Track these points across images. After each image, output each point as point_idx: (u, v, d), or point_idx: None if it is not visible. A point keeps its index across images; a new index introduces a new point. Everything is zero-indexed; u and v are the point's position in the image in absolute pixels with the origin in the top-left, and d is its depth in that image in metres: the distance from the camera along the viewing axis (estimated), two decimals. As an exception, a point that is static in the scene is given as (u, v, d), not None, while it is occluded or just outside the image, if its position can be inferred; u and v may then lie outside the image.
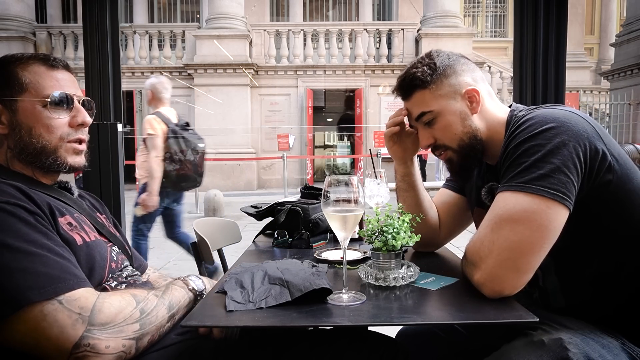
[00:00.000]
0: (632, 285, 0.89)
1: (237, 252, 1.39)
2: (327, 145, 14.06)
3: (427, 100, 1.03)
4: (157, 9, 14.12)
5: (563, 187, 0.81)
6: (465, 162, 1.05)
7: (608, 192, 0.86)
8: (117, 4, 1.70)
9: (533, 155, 0.84)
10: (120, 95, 1.73)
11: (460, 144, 1.02)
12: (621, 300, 0.90)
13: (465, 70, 1.04)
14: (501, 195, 0.87)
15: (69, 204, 0.94)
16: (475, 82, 1.03)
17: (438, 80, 1.02)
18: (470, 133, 1.02)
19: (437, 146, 1.06)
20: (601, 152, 0.85)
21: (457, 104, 1.02)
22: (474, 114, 1.02)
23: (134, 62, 10.50)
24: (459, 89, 1.02)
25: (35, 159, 0.90)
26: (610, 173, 0.85)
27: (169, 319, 0.87)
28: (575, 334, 0.81)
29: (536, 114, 0.90)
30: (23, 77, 0.89)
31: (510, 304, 0.82)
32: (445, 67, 1.02)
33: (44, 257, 0.75)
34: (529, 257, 0.82)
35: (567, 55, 1.70)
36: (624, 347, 0.84)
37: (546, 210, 0.81)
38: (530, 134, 0.86)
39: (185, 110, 10.42)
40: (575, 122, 0.85)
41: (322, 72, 10.55)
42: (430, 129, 1.05)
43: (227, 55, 9.98)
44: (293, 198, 1.62)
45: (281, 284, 0.86)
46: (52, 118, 0.90)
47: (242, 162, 9.87)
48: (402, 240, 0.93)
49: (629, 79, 9.78)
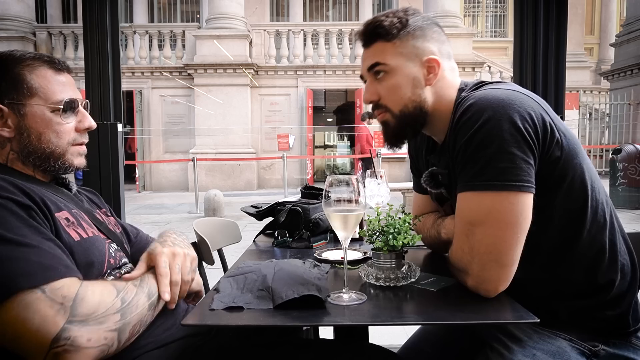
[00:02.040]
0: (581, 266, 0.90)
1: (237, 252, 1.39)
2: (327, 145, 14.06)
3: (386, 52, 0.97)
4: (157, 9, 14.12)
5: (526, 175, 0.81)
6: (401, 129, 1.00)
7: (558, 167, 0.86)
8: (117, 4, 1.70)
9: (487, 147, 0.81)
10: (120, 95, 1.73)
11: (402, 110, 0.98)
12: (568, 285, 0.91)
13: (435, 39, 0.98)
14: (464, 197, 0.86)
15: (66, 201, 0.94)
16: (440, 54, 0.98)
17: (404, 38, 0.96)
18: (416, 102, 0.97)
19: (378, 105, 1.00)
20: (549, 128, 0.84)
21: (414, 68, 0.97)
22: (427, 85, 0.97)
23: (134, 62, 10.49)
24: (421, 55, 0.96)
25: (43, 163, 0.91)
26: (559, 149, 0.85)
27: (150, 308, 0.85)
28: (526, 352, 0.85)
29: (479, 97, 0.86)
30: (31, 80, 0.88)
31: (510, 305, 0.82)
32: (416, 28, 0.96)
33: (35, 248, 0.74)
34: (509, 252, 0.82)
35: (567, 55, 1.70)
36: (573, 346, 0.87)
37: (510, 206, 0.81)
38: (478, 124, 0.83)
39: (186, 110, 10.43)
40: (519, 101, 0.84)
41: (322, 72, 10.55)
42: (378, 84, 0.99)
43: (227, 55, 9.98)
44: (293, 198, 1.62)
45: (267, 290, 0.85)
46: (61, 124, 0.91)
47: (242, 162, 9.87)
48: (402, 240, 0.93)
49: (629, 79, 9.78)
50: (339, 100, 13.22)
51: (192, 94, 10.24)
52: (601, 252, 0.90)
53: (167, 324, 0.92)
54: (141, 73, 10.40)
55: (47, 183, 0.95)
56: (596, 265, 0.90)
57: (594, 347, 0.87)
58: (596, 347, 0.87)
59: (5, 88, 0.87)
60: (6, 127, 0.88)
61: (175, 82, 10.42)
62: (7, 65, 0.88)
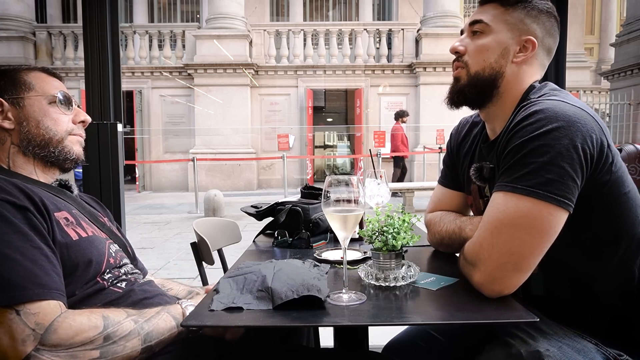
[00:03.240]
0: (609, 288, 0.90)
1: (237, 252, 1.39)
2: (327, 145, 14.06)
3: (495, 14, 0.99)
4: (157, 9, 14.11)
5: (569, 193, 0.81)
6: (468, 90, 1.01)
7: (602, 193, 0.85)
8: (117, 4, 1.70)
9: (541, 156, 0.81)
10: (120, 95, 1.73)
11: (478, 72, 0.99)
12: (596, 302, 0.91)
13: (547, 28, 0.99)
14: (502, 196, 0.85)
15: (67, 202, 0.95)
16: (541, 42, 0.99)
17: (518, 9, 0.97)
18: (494, 70, 0.98)
19: (460, 59, 1.02)
20: (605, 153, 0.84)
21: (510, 40, 0.98)
22: (513, 62, 0.98)
23: (134, 62, 10.49)
24: (523, 31, 0.97)
25: (42, 150, 0.95)
26: (609, 174, 0.85)
27: (143, 351, 0.81)
28: (552, 343, 0.83)
29: (547, 107, 0.86)
30: (28, 79, 0.97)
31: (510, 304, 0.82)
32: (534, 7, 0.97)
33: (12, 261, 0.72)
34: (529, 259, 0.83)
35: (567, 55, 1.70)
36: (598, 349, 0.86)
37: (548, 216, 0.81)
38: (539, 132, 0.83)
39: (186, 110, 10.43)
40: (584, 122, 0.83)
41: (322, 72, 10.54)
42: (471, 39, 1.01)
43: (227, 55, 9.98)
44: (293, 198, 1.62)
45: (267, 290, 0.84)
46: (58, 113, 0.98)
47: (242, 162, 9.87)
48: (402, 240, 0.93)
49: (629, 79, 9.78)
50: (339, 100, 13.22)
51: (192, 94, 10.24)
52: (630, 279, 0.90)
53: None
54: (141, 73, 10.40)
55: (49, 185, 0.96)
56: (625, 290, 0.90)
57: (619, 355, 0.86)
58: (621, 357, 0.86)
59: (4, 86, 0.95)
60: (7, 119, 0.94)
61: (175, 82, 10.41)
62: (4, 71, 0.97)
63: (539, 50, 0.99)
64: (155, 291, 0.98)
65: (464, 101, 1.04)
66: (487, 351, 0.86)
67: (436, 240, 1.17)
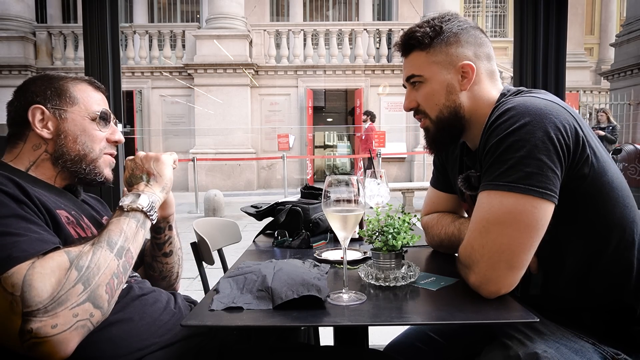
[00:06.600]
0: (605, 283, 0.90)
1: (237, 252, 1.39)
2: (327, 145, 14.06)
3: (421, 63, 1.01)
4: (157, 9, 14.11)
5: (551, 184, 0.81)
6: (440, 135, 1.03)
7: (585, 184, 0.86)
8: (117, 4, 1.70)
9: (518, 151, 0.82)
10: (120, 95, 1.74)
11: (438, 116, 1.01)
12: (593, 299, 0.91)
13: (471, 43, 1.00)
14: (486, 195, 0.86)
15: (67, 202, 0.95)
16: (476, 57, 0.99)
17: (437, 46, 0.99)
18: (451, 108, 1.00)
19: (418, 111, 1.05)
20: (581, 143, 0.84)
21: (448, 75, 0.99)
22: (462, 90, 0.99)
23: (134, 62, 10.49)
24: (455, 61, 0.98)
25: (74, 165, 0.96)
26: (587, 166, 0.85)
27: (119, 256, 0.79)
28: (550, 344, 0.83)
29: (517, 103, 0.87)
30: (74, 92, 0.98)
31: (510, 304, 0.82)
32: (450, 35, 0.99)
33: None
34: (520, 256, 0.83)
35: (567, 55, 1.70)
36: (595, 349, 0.86)
37: (532, 210, 0.81)
38: (512, 128, 0.84)
39: (186, 110, 10.43)
40: (556, 113, 0.84)
41: (322, 72, 10.54)
42: (415, 92, 1.03)
43: (227, 55, 9.98)
44: (293, 198, 1.62)
45: (267, 290, 0.84)
46: (96, 130, 0.99)
47: (242, 162, 9.87)
48: (402, 240, 0.93)
49: (629, 79, 9.78)
50: (339, 100, 13.22)
51: (192, 94, 10.24)
52: (628, 271, 0.89)
53: (168, 325, 0.92)
54: (141, 73, 10.40)
55: (50, 185, 0.96)
56: (623, 283, 0.90)
57: (616, 354, 0.86)
58: (619, 356, 0.86)
59: (50, 95, 0.95)
60: (46, 129, 0.94)
61: (175, 82, 10.41)
62: (52, 79, 0.98)
63: (479, 66, 0.99)
64: (150, 288, 0.99)
65: (442, 145, 1.07)
66: (485, 353, 0.87)
67: (435, 242, 1.18)
